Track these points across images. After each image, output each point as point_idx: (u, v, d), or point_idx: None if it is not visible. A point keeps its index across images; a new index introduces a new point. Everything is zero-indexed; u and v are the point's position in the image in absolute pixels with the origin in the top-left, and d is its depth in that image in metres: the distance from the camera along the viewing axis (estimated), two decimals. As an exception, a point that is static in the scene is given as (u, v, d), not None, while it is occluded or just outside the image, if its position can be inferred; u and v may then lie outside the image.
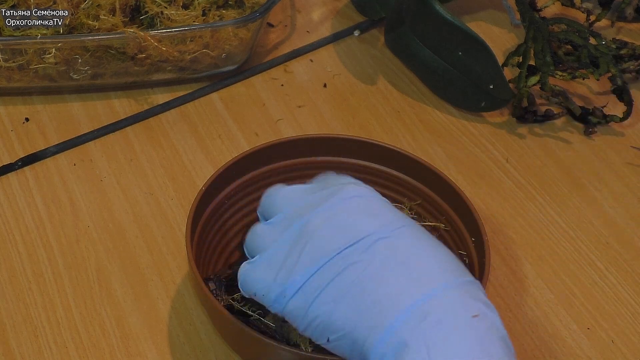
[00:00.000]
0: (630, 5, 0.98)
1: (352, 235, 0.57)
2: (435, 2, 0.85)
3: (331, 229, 0.57)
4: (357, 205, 0.59)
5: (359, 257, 0.56)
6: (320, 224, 0.58)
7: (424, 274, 0.55)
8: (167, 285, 0.74)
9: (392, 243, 0.57)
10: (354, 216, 0.58)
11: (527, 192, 0.83)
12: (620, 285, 0.76)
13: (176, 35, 0.84)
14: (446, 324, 0.53)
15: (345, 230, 0.57)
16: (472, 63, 0.86)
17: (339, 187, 0.60)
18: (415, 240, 0.58)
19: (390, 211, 0.59)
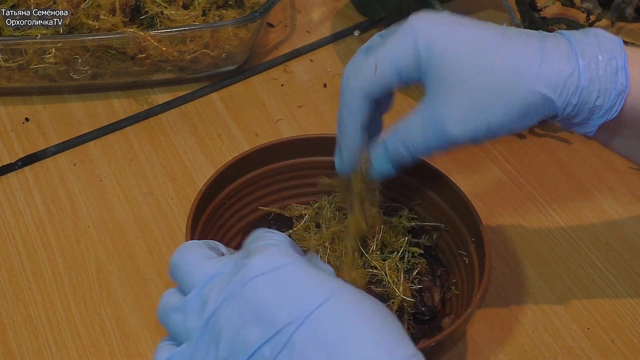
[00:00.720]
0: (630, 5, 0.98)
1: (266, 327, 0.48)
2: (435, 2, 0.85)
3: (242, 320, 0.49)
4: (265, 285, 0.49)
5: (278, 354, 0.48)
6: (229, 315, 0.49)
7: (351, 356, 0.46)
8: (167, 286, 0.74)
9: (313, 331, 0.47)
10: (264, 301, 0.48)
11: (527, 192, 0.83)
12: (620, 285, 0.76)
13: (176, 35, 0.84)
14: None
15: (257, 320, 0.48)
16: (472, 63, 0.86)
17: (244, 262, 0.50)
18: (341, 318, 0.48)
19: (308, 281, 0.49)
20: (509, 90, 0.59)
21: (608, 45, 0.59)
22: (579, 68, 0.59)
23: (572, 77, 0.58)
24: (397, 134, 0.62)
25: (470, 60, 0.59)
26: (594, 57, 0.59)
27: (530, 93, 0.59)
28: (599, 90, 0.59)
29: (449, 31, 0.60)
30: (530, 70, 0.59)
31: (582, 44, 0.59)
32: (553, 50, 0.59)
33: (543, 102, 0.59)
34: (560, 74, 0.58)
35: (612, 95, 0.59)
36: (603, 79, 0.59)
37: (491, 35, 0.60)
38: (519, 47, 0.59)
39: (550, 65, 0.59)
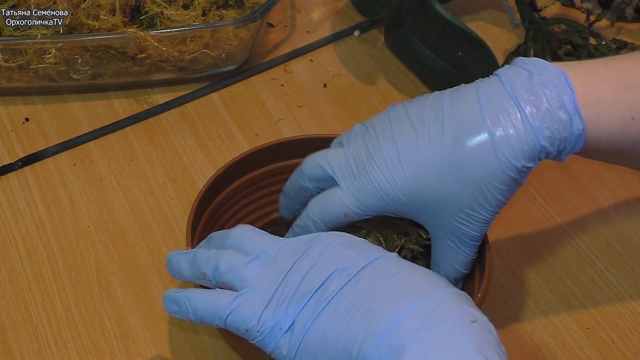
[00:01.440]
0: (630, 5, 0.98)
1: (338, 264, 0.57)
2: (435, 2, 0.85)
3: (317, 264, 0.57)
4: (338, 242, 0.59)
5: (347, 281, 0.56)
6: (305, 261, 0.58)
7: (414, 284, 0.55)
8: (167, 285, 0.74)
9: (376, 266, 0.57)
10: (337, 251, 0.58)
11: (527, 192, 0.83)
12: (620, 285, 0.76)
13: (176, 35, 0.84)
14: (443, 326, 0.52)
15: (329, 264, 0.57)
16: (472, 63, 0.86)
17: (315, 235, 0.60)
18: (399, 262, 0.58)
19: (370, 245, 0.60)
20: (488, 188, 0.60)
21: (554, 90, 0.59)
22: (536, 137, 0.59)
23: (535, 148, 0.60)
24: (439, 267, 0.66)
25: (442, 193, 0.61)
26: (546, 113, 0.59)
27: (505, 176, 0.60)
28: (559, 141, 0.60)
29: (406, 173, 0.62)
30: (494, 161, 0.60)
31: (528, 98, 0.59)
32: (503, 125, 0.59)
33: (520, 174, 0.60)
34: (522, 154, 0.59)
35: (571, 140, 0.60)
36: (559, 131, 0.59)
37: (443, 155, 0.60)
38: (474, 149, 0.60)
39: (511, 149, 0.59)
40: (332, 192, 0.64)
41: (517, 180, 0.61)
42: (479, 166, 0.60)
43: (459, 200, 0.61)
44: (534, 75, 0.60)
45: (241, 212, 0.74)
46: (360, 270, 0.56)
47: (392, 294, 0.54)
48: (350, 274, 0.56)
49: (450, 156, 0.60)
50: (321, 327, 0.55)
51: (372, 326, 0.53)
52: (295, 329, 0.56)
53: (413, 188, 0.61)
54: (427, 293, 0.54)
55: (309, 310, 0.55)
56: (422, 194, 0.61)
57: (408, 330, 0.52)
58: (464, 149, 0.60)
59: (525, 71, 0.60)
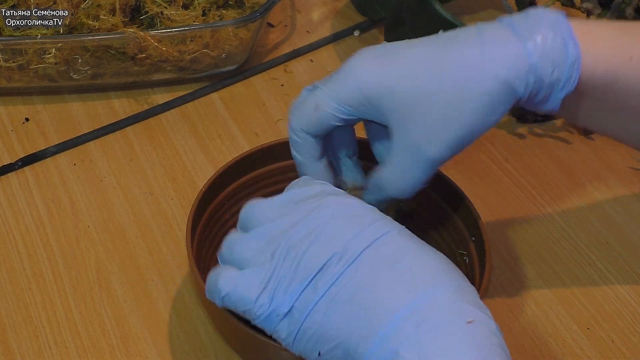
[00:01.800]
0: (630, 5, 0.98)
1: (337, 246, 0.55)
2: (435, 2, 0.85)
3: (316, 243, 0.56)
4: (339, 215, 0.57)
5: (347, 267, 0.55)
6: (303, 239, 0.56)
7: (414, 277, 0.54)
8: (167, 285, 0.74)
9: (379, 250, 0.55)
10: (338, 228, 0.56)
11: (527, 192, 0.83)
12: (620, 285, 0.76)
13: (176, 35, 0.84)
14: (440, 330, 0.51)
15: (329, 242, 0.55)
16: (472, 63, 0.86)
17: (319, 202, 0.58)
18: (403, 245, 0.56)
19: (376, 217, 0.57)
20: (467, 90, 0.58)
21: (550, 20, 0.59)
22: (525, 48, 0.58)
23: (521, 57, 0.58)
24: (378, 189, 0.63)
25: (420, 82, 0.59)
26: (539, 34, 0.58)
27: (486, 84, 0.58)
28: (552, 64, 0.58)
29: (388, 64, 0.60)
30: (478, 63, 0.58)
31: (524, 25, 0.59)
32: (494, 40, 0.58)
33: (502, 89, 0.58)
34: (508, 58, 0.58)
35: (566, 66, 0.58)
36: (553, 52, 0.58)
37: (430, 52, 0.59)
38: (461, 46, 0.59)
39: (496, 53, 0.58)
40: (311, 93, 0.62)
41: (494, 107, 0.58)
42: (463, 74, 0.58)
43: (430, 106, 0.58)
44: (530, 14, 0.59)
45: (241, 212, 0.74)
46: (360, 254, 0.55)
47: (391, 289, 0.53)
48: (349, 260, 0.54)
49: (437, 59, 0.59)
50: (319, 317, 0.54)
51: (370, 325, 0.53)
52: (294, 315, 0.55)
53: (391, 85, 0.59)
54: (427, 289, 0.53)
55: (306, 297, 0.55)
56: (398, 93, 0.59)
57: (405, 335, 0.51)
58: (451, 54, 0.58)
59: (524, 13, 0.60)
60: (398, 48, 0.60)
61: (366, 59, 0.61)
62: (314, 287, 0.55)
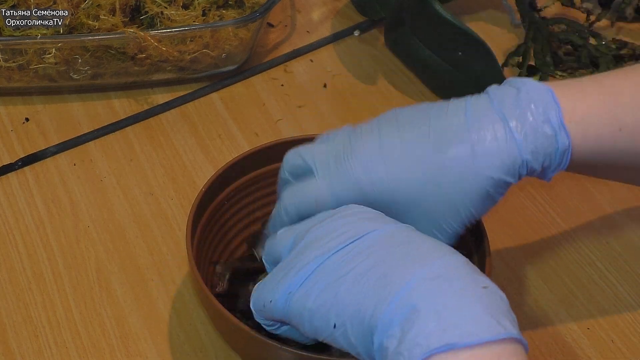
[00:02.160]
0: (630, 5, 0.98)
1: (352, 233, 0.57)
2: (435, 2, 0.85)
3: (331, 233, 0.58)
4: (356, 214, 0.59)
5: (361, 248, 0.56)
6: (321, 233, 0.58)
7: (427, 251, 0.55)
8: (167, 285, 0.74)
9: (391, 234, 0.57)
10: (354, 222, 0.58)
11: (527, 192, 0.83)
12: (620, 285, 0.76)
13: (176, 35, 0.84)
14: (458, 290, 0.52)
15: (345, 232, 0.57)
16: (472, 63, 0.86)
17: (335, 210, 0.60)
18: (414, 233, 0.58)
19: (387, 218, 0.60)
20: (461, 193, 0.60)
21: (540, 106, 0.59)
22: (517, 144, 0.59)
23: (513, 155, 0.59)
24: None
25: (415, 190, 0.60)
26: (530, 126, 0.59)
27: (481, 183, 0.60)
28: (543, 156, 0.60)
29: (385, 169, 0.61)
30: (472, 166, 0.59)
31: (514, 113, 0.59)
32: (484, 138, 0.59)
33: (496, 185, 0.60)
34: (500, 158, 0.59)
35: (557, 155, 0.60)
36: (545, 146, 0.59)
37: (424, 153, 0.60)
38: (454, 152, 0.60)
39: (488, 154, 0.59)
40: (307, 181, 0.63)
41: (492, 196, 0.61)
42: (457, 174, 0.60)
43: (431, 205, 0.60)
44: (521, 92, 0.60)
45: (241, 212, 0.74)
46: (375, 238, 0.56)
47: (406, 259, 0.54)
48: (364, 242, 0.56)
49: (431, 161, 0.60)
50: (333, 290, 0.55)
51: (385, 289, 0.53)
52: (305, 292, 0.56)
53: (389, 185, 0.60)
54: (440, 257, 0.54)
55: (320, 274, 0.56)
56: (396, 192, 0.60)
57: (421, 293, 0.52)
58: (444, 155, 0.60)
59: (514, 88, 0.60)
60: (393, 149, 0.61)
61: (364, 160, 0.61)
62: (327, 266, 0.56)
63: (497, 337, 0.50)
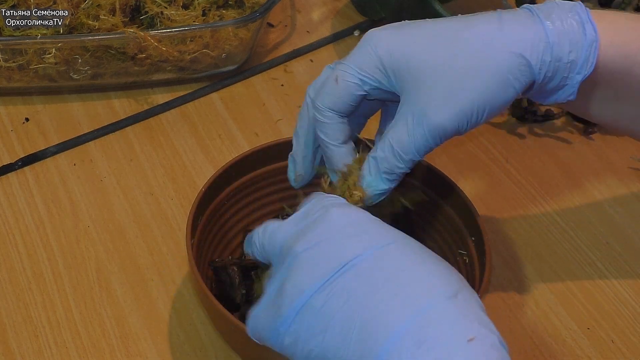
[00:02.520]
0: (630, 5, 0.97)
1: (336, 261, 0.54)
2: (435, 2, 0.85)
3: (315, 258, 0.54)
4: (341, 229, 0.55)
5: (344, 283, 0.53)
6: (304, 254, 0.55)
7: (412, 290, 0.52)
8: (167, 285, 0.74)
9: (376, 263, 0.53)
10: (338, 241, 0.55)
11: (527, 192, 0.83)
12: (620, 285, 0.76)
13: (176, 35, 0.84)
14: (440, 351, 0.49)
15: (329, 257, 0.54)
16: (472, 63, 0.86)
17: (322, 213, 0.56)
18: (403, 256, 0.54)
19: (378, 228, 0.56)
20: (481, 62, 0.58)
21: (568, 6, 0.59)
22: (543, 26, 0.58)
23: (539, 34, 0.58)
24: (383, 143, 0.61)
25: (436, 52, 0.59)
26: (558, 15, 0.59)
27: (501, 57, 0.58)
28: (570, 44, 0.58)
29: (407, 35, 0.60)
30: (495, 37, 0.58)
31: (543, 8, 0.59)
32: (513, 18, 0.59)
33: (517, 64, 0.58)
34: (526, 34, 0.58)
35: (584, 46, 0.58)
36: (571, 32, 0.58)
37: (449, 26, 0.60)
38: (480, 23, 0.59)
39: (514, 29, 0.58)
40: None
41: (508, 83, 0.58)
42: (477, 47, 0.58)
43: (443, 74, 0.58)
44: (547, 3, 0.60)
45: (241, 212, 0.74)
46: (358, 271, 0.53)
47: (388, 305, 0.51)
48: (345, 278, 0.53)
49: (454, 34, 0.59)
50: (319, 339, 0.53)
51: (367, 344, 0.51)
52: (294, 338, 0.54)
53: (406, 51, 0.59)
54: (425, 304, 0.51)
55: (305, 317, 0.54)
56: (411, 58, 0.59)
57: (404, 354, 0.49)
58: (469, 30, 0.59)
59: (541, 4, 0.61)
60: (418, 23, 0.61)
61: (385, 30, 0.61)
62: (312, 304, 0.53)
63: None
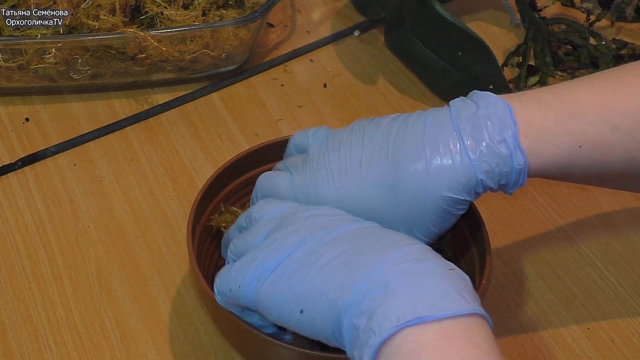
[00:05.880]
0: (630, 5, 0.98)
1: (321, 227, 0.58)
2: (435, 2, 0.85)
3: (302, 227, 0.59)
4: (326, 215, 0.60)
5: (328, 239, 0.57)
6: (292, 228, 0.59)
7: (396, 240, 0.56)
8: (167, 285, 0.74)
9: (359, 228, 0.58)
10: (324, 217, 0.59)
11: (527, 192, 0.83)
12: (620, 285, 0.76)
13: (176, 35, 0.84)
14: (427, 270, 0.53)
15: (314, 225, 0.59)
16: (472, 63, 0.86)
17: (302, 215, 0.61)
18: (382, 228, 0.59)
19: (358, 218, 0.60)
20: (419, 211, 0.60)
21: (497, 124, 0.59)
22: (472, 166, 0.59)
23: (469, 176, 0.59)
24: None
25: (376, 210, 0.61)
26: (486, 147, 0.59)
27: (436, 200, 0.60)
28: (499, 175, 0.60)
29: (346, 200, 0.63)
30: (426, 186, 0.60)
31: (470, 131, 0.59)
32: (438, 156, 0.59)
33: (452, 201, 0.60)
34: (455, 178, 0.59)
35: (512, 174, 0.60)
36: (500, 165, 0.59)
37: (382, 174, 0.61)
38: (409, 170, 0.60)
39: (443, 174, 0.59)
40: (282, 173, 0.65)
41: (451, 212, 0.61)
42: (413, 193, 0.60)
43: (391, 220, 0.61)
44: (480, 109, 0.60)
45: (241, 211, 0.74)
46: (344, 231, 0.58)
47: (374, 247, 0.56)
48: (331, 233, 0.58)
49: (388, 179, 0.61)
50: (300, 278, 0.56)
51: (353, 272, 0.54)
52: (273, 280, 0.57)
53: (345, 203, 0.61)
54: (408, 245, 0.56)
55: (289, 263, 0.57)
56: (353, 210, 0.61)
57: (392, 272, 0.53)
58: (401, 174, 0.60)
59: (474, 103, 0.60)
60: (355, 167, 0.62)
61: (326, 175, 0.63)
62: (297, 255, 0.57)
63: (464, 311, 0.51)
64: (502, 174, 0.60)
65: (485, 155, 0.59)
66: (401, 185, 0.60)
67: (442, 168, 0.59)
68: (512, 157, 0.59)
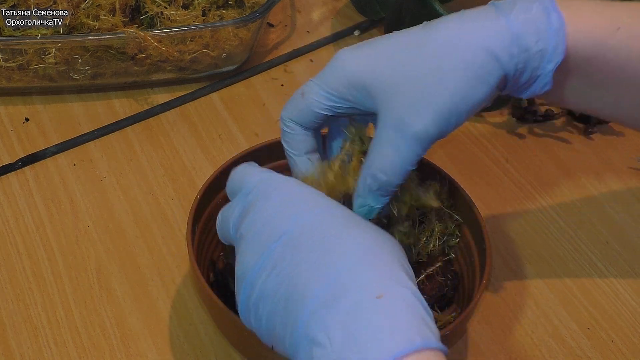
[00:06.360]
0: None
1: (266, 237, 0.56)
2: (435, 2, 0.85)
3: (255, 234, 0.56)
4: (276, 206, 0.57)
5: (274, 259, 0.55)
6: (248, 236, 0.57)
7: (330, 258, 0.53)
8: (167, 285, 0.74)
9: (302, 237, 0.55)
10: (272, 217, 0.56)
11: (527, 192, 0.83)
12: (620, 285, 0.76)
13: (176, 35, 0.84)
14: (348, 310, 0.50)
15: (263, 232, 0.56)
16: (472, 63, 0.86)
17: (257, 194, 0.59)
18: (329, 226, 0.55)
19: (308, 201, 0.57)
20: (449, 63, 0.57)
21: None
22: (506, 19, 0.57)
23: (502, 27, 0.57)
24: (370, 166, 0.60)
25: (403, 62, 0.58)
26: (522, 6, 0.57)
27: (468, 55, 0.57)
28: (536, 33, 0.57)
29: (373, 51, 0.60)
30: (458, 36, 0.57)
31: (507, 1, 0.58)
32: (474, 16, 0.58)
33: (485, 59, 0.57)
34: (488, 28, 0.57)
35: (550, 34, 0.57)
36: (536, 22, 0.57)
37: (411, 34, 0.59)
38: (442, 26, 0.58)
39: (476, 25, 0.57)
40: None
41: (478, 77, 0.57)
42: (440, 44, 0.57)
43: (413, 82, 0.58)
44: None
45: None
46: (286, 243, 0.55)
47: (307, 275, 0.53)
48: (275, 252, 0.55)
49: (417, 36, 0.58)
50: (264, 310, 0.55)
51: (290, 317, 0.53)
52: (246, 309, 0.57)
53: (371, 65, 0.59)
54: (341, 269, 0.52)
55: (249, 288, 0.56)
56: (378, 71, 0.59)
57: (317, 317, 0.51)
58: (432, 29, 0.58)
59: None
60: (386, 37, 0.61)
61: (350, 48, 0.61)
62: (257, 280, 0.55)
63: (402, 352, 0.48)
64: (538, 33, 0.56)
65: (521, 13, 0.57)
66: (431, 41, 0.57)
67: (476, 22, 0.57)
68: (549, 15, 0.57)
